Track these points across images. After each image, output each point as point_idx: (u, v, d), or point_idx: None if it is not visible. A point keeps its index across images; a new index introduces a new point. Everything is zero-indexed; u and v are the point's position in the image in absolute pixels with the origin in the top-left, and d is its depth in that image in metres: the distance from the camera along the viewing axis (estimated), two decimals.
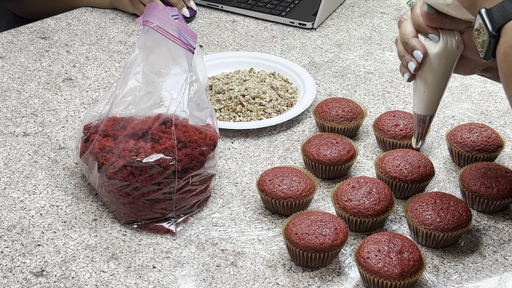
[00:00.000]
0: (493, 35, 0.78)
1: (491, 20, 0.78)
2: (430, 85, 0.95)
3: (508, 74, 0.77)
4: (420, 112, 0.98)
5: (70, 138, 1.19)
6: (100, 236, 0.99)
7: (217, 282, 0.92)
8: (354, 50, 1.49)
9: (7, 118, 1.23)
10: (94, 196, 1.06)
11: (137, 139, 0.99)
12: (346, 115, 1.18)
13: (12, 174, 1.10)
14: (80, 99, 1.30)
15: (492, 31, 0.78)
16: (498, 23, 0.78)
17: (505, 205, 1.04)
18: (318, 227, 0.93)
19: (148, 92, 1.02)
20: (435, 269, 0.95)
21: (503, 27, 0.78)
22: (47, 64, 1.40)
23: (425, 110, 0.97)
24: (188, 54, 0.99)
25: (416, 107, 0.98)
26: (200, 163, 1.00)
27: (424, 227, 0.96)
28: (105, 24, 1.57)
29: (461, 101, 1.31)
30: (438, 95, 0.96)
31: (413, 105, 0.99)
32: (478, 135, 1.12)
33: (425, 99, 0.96)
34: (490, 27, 0.78)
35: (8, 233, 0.99)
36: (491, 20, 0.78)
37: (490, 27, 0.78)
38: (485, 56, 0.80)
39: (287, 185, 1.02)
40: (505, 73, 0.78)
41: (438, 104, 0.97)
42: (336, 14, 1.65)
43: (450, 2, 0.88)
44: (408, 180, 1.04)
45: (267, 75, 1.35)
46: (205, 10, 1.66)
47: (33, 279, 0.92)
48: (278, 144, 1.19)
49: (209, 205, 1.05)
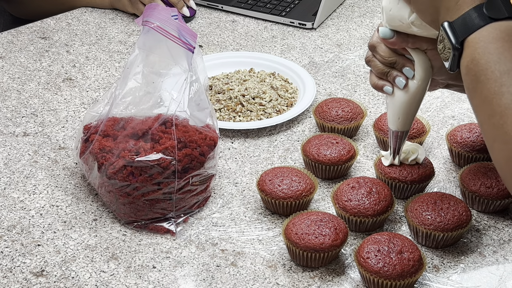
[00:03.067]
0: (457, 48, 0.79)
1: (454, 33, 0.79)
2: (407, 104, 0.97)
3: (471, 88, 0.78)
4: (396, 129, 1.00)
5: (70, 138, 1.19)
6: (100, 236, 0.99)
7: (217, 282, 0.92)
8: (354, 50, 1.49)
9: (7, 118, 1.23)
10: (94, 196, 1.06)
11: (137, 139, 0.99)
12: (346, 115, 1.18)
13: (12, 174, 1.10)
14: (80, 99, 1.30)
15: (456, 44, 0.79)
16: (460, 36, 0.78)
17: (505, 205, 1.04)
18: (318, 227, 0.93)
19: (148, 92, 1.02)
20: (435, 269, 0.95)
21: (465, 40, 0.78)
22: (47, 64, 1.40)
23: (402, 127, 1.00)
24: (188, 54, 0.99)
25: (392, 124, 1.00)
26: (200, 163, 1.00)
27: (424, 227, 0.96)
28: (105, 24, 1.57)
29: (461, 101, 1.31)
30: (414, 113, 0.99)
31: (388, 122, 1.01)
32: (478, 135, 1.12)
33: (402, 117, 0.99)
34: (454, 40, 0.79)
35: (8, 233, 0.99)
36: (454, 33, 0.79)
37: (454, 40, 0.79)
38: (451, 68, 0.81)
39: (287, 185, 1.02)
40: (468, 86, 0.78)
41: (413, 120, 1.00)
42: (336, 14, 1.65)
43: (413, 19, 0.88)
44: (408, 181, 1.04)
45: (267, 75, 1.35)
46: (205, 10, 1.66)
47: (33, 279, 0.92)
48: (278, 144, 1.19)
49: (209, 205, 1.05)
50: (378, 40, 0.95)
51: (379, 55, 0.96)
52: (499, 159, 0.75)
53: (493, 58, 0.75)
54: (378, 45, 0.95)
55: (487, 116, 0.75)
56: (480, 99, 0.76)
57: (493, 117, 0.74)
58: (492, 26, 0.77)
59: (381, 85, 0.98)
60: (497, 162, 0.76)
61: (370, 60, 0.98)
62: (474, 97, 0.78)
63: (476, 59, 0.76)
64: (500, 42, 0.76)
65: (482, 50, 0.76)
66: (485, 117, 0.76)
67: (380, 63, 0.97)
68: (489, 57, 0.75)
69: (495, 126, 0.74)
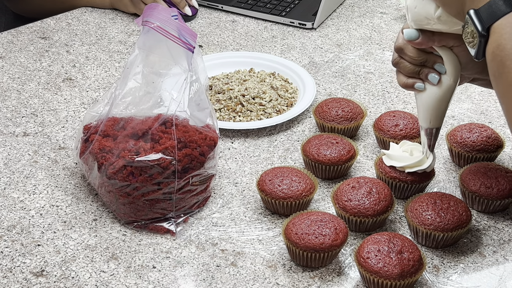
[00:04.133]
0: (483, 35, 0.79)
1: (480, 20, 0.79)
2: (440, 100, 0.97)
3: (497, 74, 0.78)
4: (429, 126, 0.99)
5: (70, 138, 1.19)
6: (100, 236, 0.99)
7: (217, 282, 0.92)
8: (354, 50, 1.49)
9: (7, 118, 1.23)
10: (94, 196, 1.06)
11: (137, 139, 0.99)
12: (346, 115, 1.18)
13: (12, 174, 1.10)
14: (80, 99, 1.30)
15: (482, 30, 0.79)
16: (486, 22, 0.78)
17: (505, 205, 1.04)
18: (318, 227, 0.93)
19: (148, 92, 1.02)
20: (435, 269, 0.95)
21: (491, 26, 0.78)
22: (47, 64, 1.40)
23: (434, 123, 0.99)
24: (188, 54, 0.99)
25: (424, 122, 0.99)
26: (200, 163, 1.00)
27: (424, 227, 0.96)
28: (105, 24, 1.57)
29: (461, 101, 1.31)
30: (446, 109, 0.99)
31: (420, 120, 1.00)
32: (478, 135, 1.12)
33: (434, 113, 0.98)
34: (480, 27, 0.79)
35: (8, 233, 0.99)
36: (480, 20, 0.79)
37: (480, 27, 0.79)
38: (476, 55, 0.81)
39: (287, 185, 1.02)
40: (494, 73, 0.78)
41: (444, 116, 0.99)
42: (336, 14, 1.65)
43: (439, 14, 0.88)
44: (408, 181, 1.04)
45: (267, 75, 1.35)
46: (205, 10, 1.66)
47: (33, 279, 0.92)
48: (278, 144, 1.19)
49: (209, 205, 1.05)
50: (404, 42, 0.95)
51: (408, 57, 0.96)
52: None
53: None
54: (405, 47, 0.96)
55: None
56: (505, 85, 0.76)
57: None
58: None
59: (412, 83, 0.98)
60: None
61: (398, 62, 0.98)
62: (499, 83, 0.78)
63: (502, 45, 0.76)
64: None
65: (509, 36, 0.76)
66: (511, 102, 0.76)
67: (409, 64, 0.97)
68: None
69: None
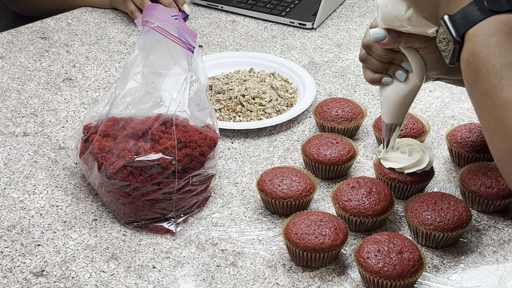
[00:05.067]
0: (457, 41, 0.78)
1: (455, 26, 0.78)
2: (403, 98, 0.98)
3: (471, 81, 0.77)
4: (390, 122, 1.01)
5: (70, 138, 1.19)
6: (100, 236, 0.99)
7: (217, 282, 0.92)
8: (354, 50, 1.49)
9: (7, 118, 1.23)
10: (94, 196, 1.06)
11: (137, 139, 0.99)
12: (346, 115, 1.18)
13: (12, 174, 1.10)
14: (80, 99, 1.30)
15: (456, 37, 0.78)
16: (461, 29, 0.78)
17: (505, 205, 1.04)
18: (318, 227, 0.93)
19: (148, 92, 1.02)
20: (435, 269, 0.95)
21: (466, 33, 0.78)
22: (47, 64, 1.40)
23: (396, 120, 1.01)
24: (187, 54, 0.99)
25: (386, 117, 1.01)
26: (200, 163, 1.00)
27: (424, 227, 0.96)
28: (105, 24, 1.57)
29: (461, 101, 1.31)
30: (408, 107, 1.00)
31: (383, 115, 1.02)
32: (478, 135, 1.12)
33: (396, 110, 0.99)
34: (454, 33, 0.78)
35: (8, 233, 0.99)
36: (455, 26, 0.78)
37: (454, 33, 0.78)
38: (451, 61, 0.81)
39: (287, 185, 1.02)
40: (468, 80, 0.78)
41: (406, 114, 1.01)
42: (336, 14, 1.65)
43: (410, 14, 0.88)
44: (407, 181, 1.04)
45: (267, 75, 1.35)
46: (205, 10, 1.66)
47: (33, 279, 0.92)
48: (278, 144, 1.19)
49: (209, 205, 1.05)
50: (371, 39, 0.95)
51: (375, 54, 0.97)
52: (499, 152, 0.75)
53: (494, 52, 0.75)
54: (373, 44, 0.96)
55: (487, 109, 0.75)
56: (480, 93, 0.76)
57: (493, 110, 0.74)
58: (493, 19, 0.76)
59: (379, 78, 0.98)
60: (497, 156, 0.76)
61: (365, 58, 0.99)
62: (474, 90, 0.77)
63: (477, 53, 0.76)
64: (501, 35, 0.75)
65: (483, 44, 0.76)
66: (485, 110, 0.76)
67: (377, 61, 0.97)
68: (490, 50, 0.75)
69: (495, 119, 0.74)
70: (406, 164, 1.03)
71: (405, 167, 1.03)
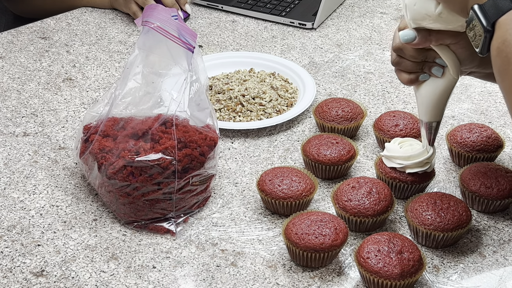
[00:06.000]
0: (488, 30, 0.78)
1: (485, 15, 0.79)
2: (441, 94, 0.97)
3: (502, 70, 0.77)
4: (429, 120, 1.00)
5: (70, 138, 1.19)
6: (100, 236, 0.99)
7: (217, 282, 0.92)
8: (354, 50, 1.49)
9: (7, 118, 1.23)
10: (94, 196, 1.06)
11: (137, 139, 0.99)
12: (346, 115, 1.18)
13: (12, 174, 1.10)
14: (80, 99, 1.30)
15: (487, 26, 0.78)
16: (492, 18, 0.78)
17: (505, 205, 1.04)
18: (318, 227, 0.93)
19: (148, 92, 1.02)
20: (435, 269, 0.95)
21: (496, 21, 0.78)
22: (47, 64, 1.40)
23: (435, 117, 1.00)
24: (187, 54, 0.99)
25: (425, 116, 1.00)
26: (200, 163, 1.00)
27: (424, 227, 0.96)
28: (105, 24, 1.57)
29: (461, 101, 1.31)
30: (446, 103, 0.99)
31: (420, 114, 1.00)
32: (478, 135, 1.12)
33: (435, 107, 0.98)
34: (485, 22, 0.79)
35: (8, 233, 0.99)
36: (485, 15, 0.79)
37: (485, 22, 0.79)
38: (481, 51, 0.80)
39: (287, 185, 1.02)
40: (499, 68, 0.78)
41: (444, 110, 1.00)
42: (336, 14, 1.65)
43: (440, 10, 0.88)
44: (408, 181, 1.04)
45: (267, 75, 1.35)
46: (205, 10, 1.66)
47: (33, 279, 0.92)
48: (278, 144, 1.19)
49: (209, 205, 1.05)
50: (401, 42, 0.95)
51: (408, 56, 0.96)
52: None
53: None
54: (404, 47, 0.96)
55: None
56: (511, 81, 0.76)
57: None
58: None
59: (415, 77, 0.98)
60: None
61: (398, 61, 0.98)
62: (505, 79, 0.77)
63: (508, 40, 0.76)
64: None
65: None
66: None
67: (411, 62, 0.97)
68: None
69: None
70: (409, 154, 1.02)
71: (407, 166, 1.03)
